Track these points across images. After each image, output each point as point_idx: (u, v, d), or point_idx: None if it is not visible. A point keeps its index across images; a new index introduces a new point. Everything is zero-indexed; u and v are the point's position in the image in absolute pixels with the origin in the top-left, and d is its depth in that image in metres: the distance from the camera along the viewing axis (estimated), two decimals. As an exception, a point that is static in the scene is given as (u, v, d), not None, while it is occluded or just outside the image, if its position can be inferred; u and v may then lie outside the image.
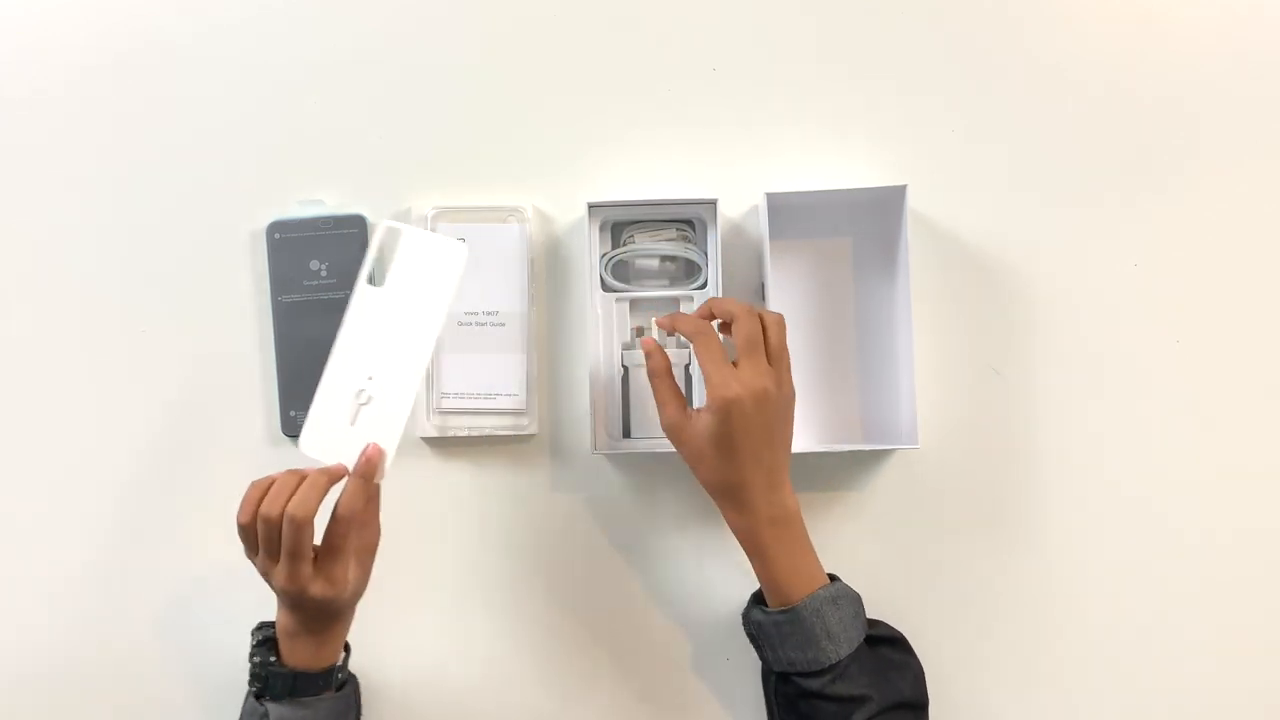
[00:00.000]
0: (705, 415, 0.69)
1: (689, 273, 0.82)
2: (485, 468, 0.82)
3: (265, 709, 0.70)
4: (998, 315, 0.82)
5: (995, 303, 0.82)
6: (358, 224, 0.81)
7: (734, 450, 0.69)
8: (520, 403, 0.80)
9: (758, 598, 0.74)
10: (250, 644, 0.73)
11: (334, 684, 0.72)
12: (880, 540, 0.81)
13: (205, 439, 0.82)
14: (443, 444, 0.82)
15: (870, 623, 0.73)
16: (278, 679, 0.70)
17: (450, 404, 0.80)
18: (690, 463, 0.72)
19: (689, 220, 0.82)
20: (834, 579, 0.72)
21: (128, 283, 0.83)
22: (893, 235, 0.79)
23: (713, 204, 0.80)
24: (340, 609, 0.71)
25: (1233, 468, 0.81)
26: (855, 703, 0.68)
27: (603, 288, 0.81)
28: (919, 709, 0.71)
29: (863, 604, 0.72)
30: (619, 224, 0.82)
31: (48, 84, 0.84)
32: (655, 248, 0.81)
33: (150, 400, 0.82)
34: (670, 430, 0.72)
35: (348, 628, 0.73)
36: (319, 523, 0.67)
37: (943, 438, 0.81)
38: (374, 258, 0.69)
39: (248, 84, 0.84)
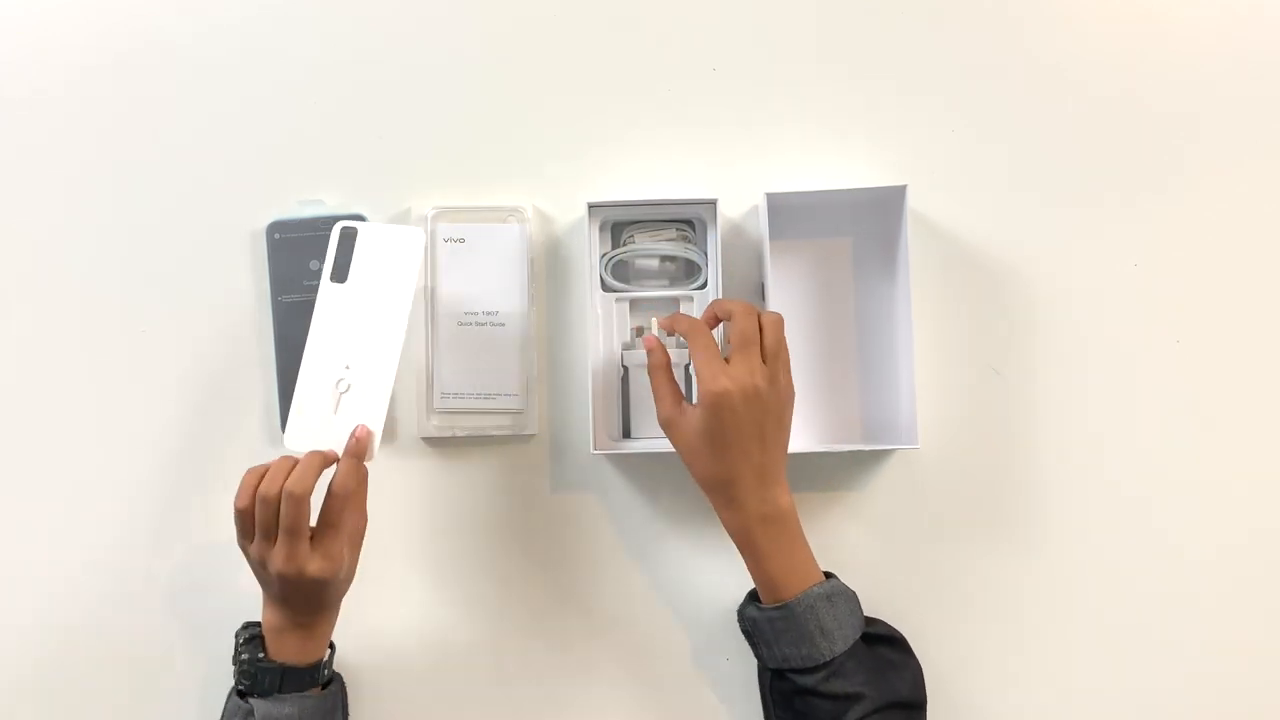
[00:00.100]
0: (696, 409, 0.70)
1: (689, 273, 0.82)
2: (485, 468, 0.82)
3: (250, 706, 0.70)
4: (998, 315, 0.82)
5: (995, 303, 0.82)
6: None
7: (723, 445, 0.69)
8: (520, 403, 0.80)
9: (754, 594, 0.74)
10: (236, 643, 0.73)
11: (320, 679, 0.73)
12: (880, 540, 0.81)
13: (205, 438, 0.82)
14: (442, 444, 0.82)
15: (868, 621, 0.73)
16: (266, 674, 0.71)
17: (450, 404, 0.80)
18: (683, 457, 0.72)
19: (689, 220, 0.82)
20: (830, 576, 0.72)
21: (128, 283, 0.83)
22: (893, 235, 0.79)
23: (713, 204, 0.80)
24: (332, 596, 0.71)
25: (1232, 468, 0.81)
26: (850, 700, 0.68)
27: (603, 288, 0.81)
28: (915, 708, 0.71)
29: (859, 602, 0.72)
30: (619, 224, 0.82)
31: (48, 84, 0.84)
32: (655, 248, 0.81)
33: (150, 400, 0.82)
34: (665, 425, 0.72)
35: (334, 622, 0.73)
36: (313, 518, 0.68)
37: (943, 438, 0.81)
38: (333, 258, 0.72)
39: (248, 84, 0.84)
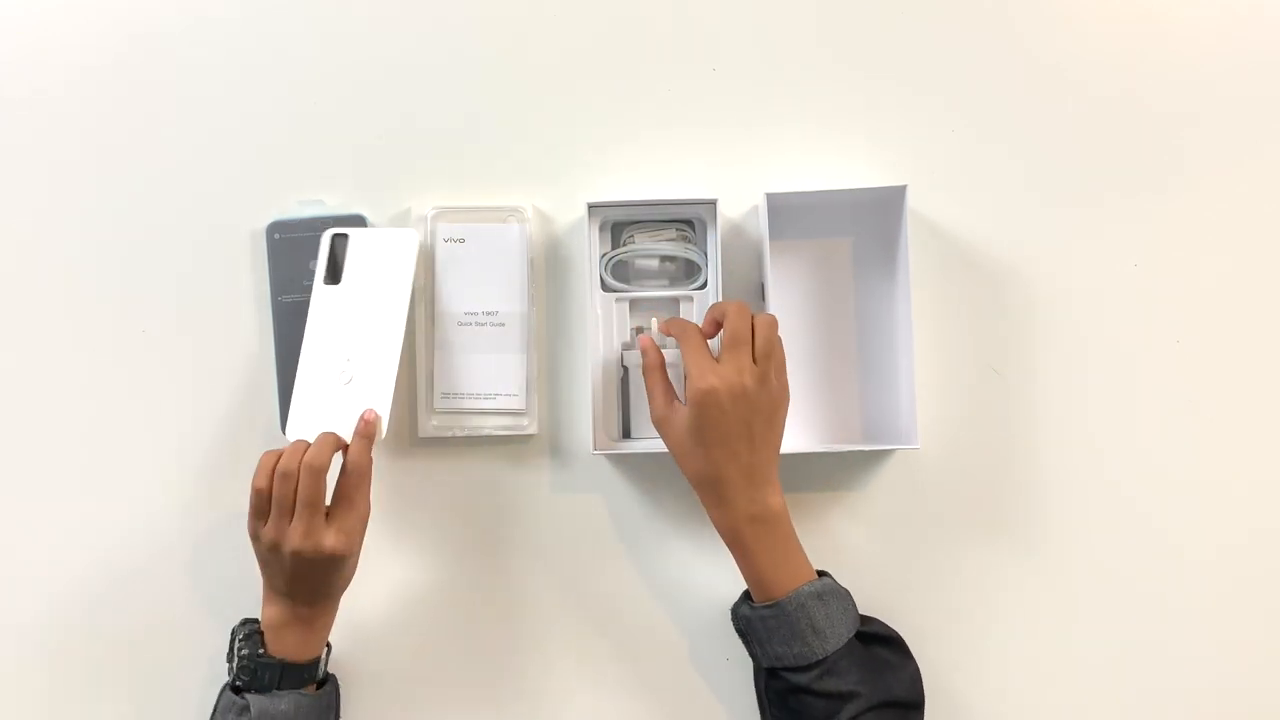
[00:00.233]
0: (685, 408, 0.70)
1: (689, 273, 0.82)
2: (485, 468, 0.82)
3: (246, 702, 0.71)
4: (998, 315, 0.82)
5: (995, 303, 0.82)
6: (358, 224, 0.81)
7: (709, 442, 0.69)
8: (520, 403, 0.80)
9: (749, 594, 0.74)
10: (234, 639, 0.73)
11: (317, 677, 0.74)
12: (880, 540, 0.81)
13: (205, 438, 0.82)
14: (443, 444, 0.82)
15: (864, 619, 0.73)
16: (266, 670, 0.71)
17: (450, 404, 0.80)
18: (674, 456, 0.73)
19: (689, 220, 0.82)
20: (823, 575, 0.73)
21: (128, 282, 0.83)
22: (893, 235, 0.79)
23: (713, 204, 0.80)
24: (340, 579, 0.72)
25: (1232, 468, 0.81)
26: (844, 698, 0.68)
27: (603, 288, 0.81)
28: (911, 708, 0.71)
29: (853, 601, 0.72)
30: (619, 224, 0.82)
31: (48, 84, 0.84)
32: (655, 248, 0.81)
33: (149, 399, 0.82)
34: (658, 424, 0.73)
35: (334, 617, 0.74)
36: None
37: (943, 438, 0.81)
38: (325, 263, 0.75)
39: (248, 84, 0.84)
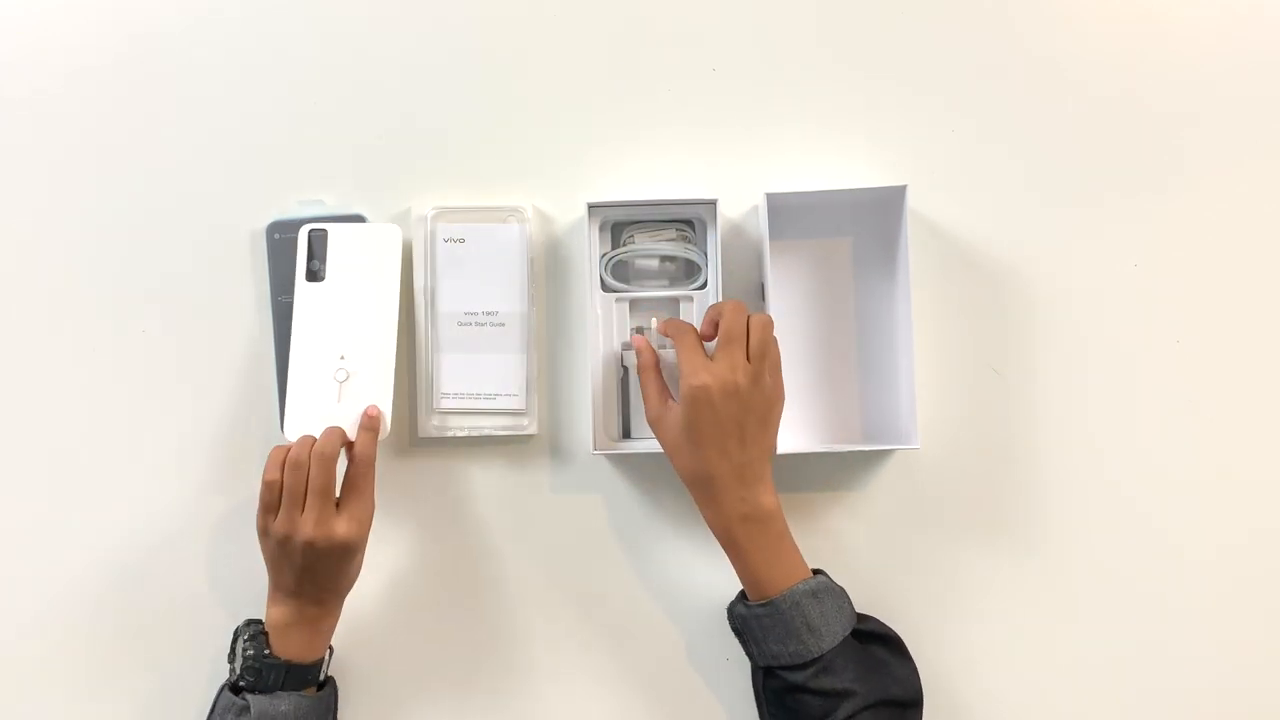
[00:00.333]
0: (678, 405, 0.71)
1: (689, 273, 0.82)
2: (485, 468, 0.82)
3: (246, 702, 0.71)
4: (998, 315, 0.82)
5: (995, 303, 0.82)
6: (357, 223, 0.81)
7: (701, 440, 0.70)
8: (520, 403, 0.80)
9: (745, 593, 0.74)
10: (238, 639, 0.73)
11: (318, 679, 0.74)
12: (880, 540, 0.81)
13: (205, 438, 0.82)
14: (442, 444, 0.82)
15: (860, 618, 0.73)
16: (270, 670, 0.71)
17: (450, 404, 0.80)
18: (668, 454, 0.73)
19: (689, 220, 0.82)
20: (819, 573, 0.73)
21: (128, 282, 0.83)
22: (893, 235, 0.79)
23: (713, 204, 0.80)
24: (349, 573, 0.73)
25: (1232, 468, 0.81)
26: (840, 696, 0.69)
27: (603, 288, 0.81)
28: (908, 707, 0.71)
29: (849, 599, 0.72)
30: (619, 224, 0.82)
31: (47, 84, 0.84)
32: (655, 248, 0.81)
33: (149, 399, 0.82)
34: (652, 422, 0.74)
35: (338, 618, 0.74)
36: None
37: (943, 438, 0.81)
38: (304, 260, 0.76)
39: (248, 84, 0.84)
